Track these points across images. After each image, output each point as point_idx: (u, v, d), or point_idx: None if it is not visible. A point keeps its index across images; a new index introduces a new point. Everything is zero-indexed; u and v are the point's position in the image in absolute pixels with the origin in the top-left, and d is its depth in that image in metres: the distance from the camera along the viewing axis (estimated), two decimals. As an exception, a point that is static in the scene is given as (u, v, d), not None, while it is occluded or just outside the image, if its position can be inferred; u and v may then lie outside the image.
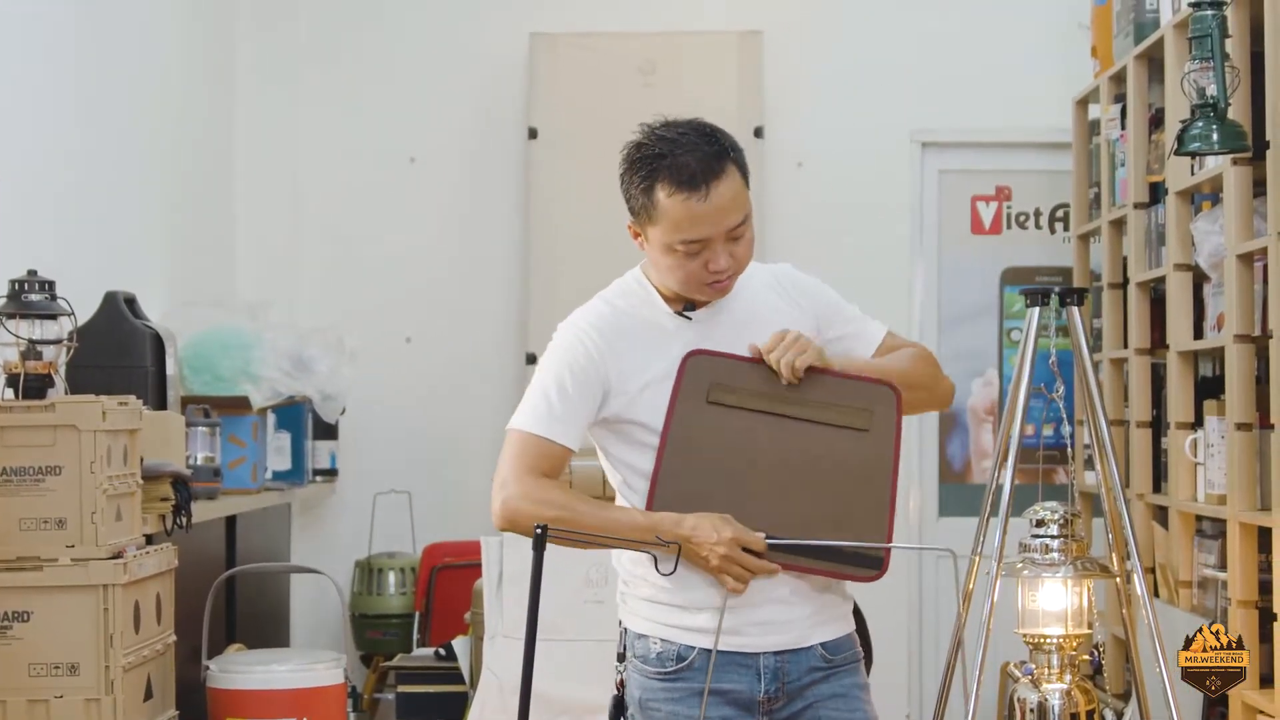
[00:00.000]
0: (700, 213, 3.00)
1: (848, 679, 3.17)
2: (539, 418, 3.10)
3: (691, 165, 2.99)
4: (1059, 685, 4.10)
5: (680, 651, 3.10)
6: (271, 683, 4.52)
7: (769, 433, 3.06)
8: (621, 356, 3.12)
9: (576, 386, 3.10)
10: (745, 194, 3.06)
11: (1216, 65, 4.18)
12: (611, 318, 3.16)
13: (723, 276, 3.06)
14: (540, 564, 3.06)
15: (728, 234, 3.03)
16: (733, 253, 3.05)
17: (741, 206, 3.04)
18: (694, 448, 3.05)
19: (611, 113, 6.66)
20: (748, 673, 3.09)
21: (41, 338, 3.96)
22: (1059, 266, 6.78)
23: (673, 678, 3.11)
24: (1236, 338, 4.59)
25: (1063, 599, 4.11)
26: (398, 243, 6.88)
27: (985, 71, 6.77)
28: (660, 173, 3.01)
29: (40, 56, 4.85)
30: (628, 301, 3.19)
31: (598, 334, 3.13)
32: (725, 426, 3.05)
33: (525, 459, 3.08)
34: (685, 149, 3.00)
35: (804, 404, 3.06)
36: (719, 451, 3.05)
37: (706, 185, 2.99)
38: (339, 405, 6.11)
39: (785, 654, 3.11)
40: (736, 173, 3.04)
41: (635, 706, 3.14)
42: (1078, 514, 4.24)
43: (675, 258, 3.05)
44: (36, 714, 3.73)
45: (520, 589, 4.60)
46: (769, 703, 3.11)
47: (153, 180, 5.79)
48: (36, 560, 3.76)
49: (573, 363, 3.11)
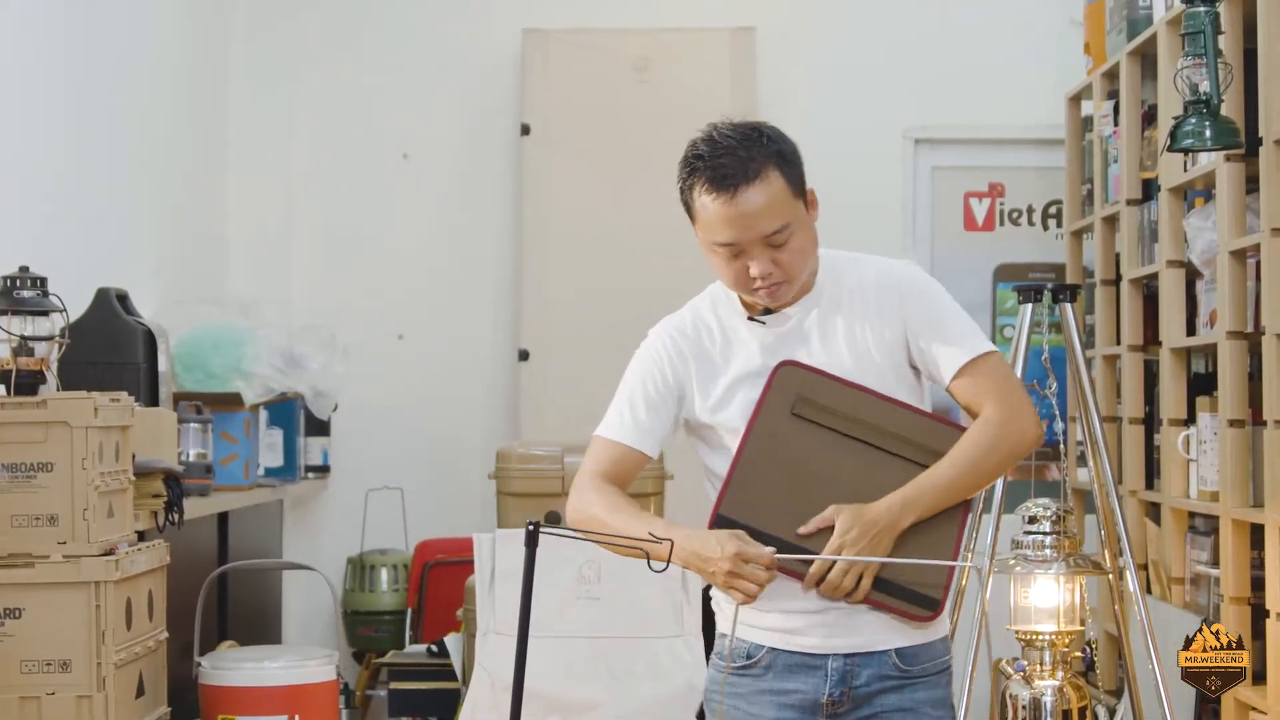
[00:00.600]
0: (728, 215, 2.99)
1: (921, 693, 3.08)
2: (616, 425, 3.18)
3: (726, 167, 2.98)
4: (1051, 682, 4.11)
5: (750, 649, 3.10)
6: (264, 679, 4.51)
7: (846, 455, 3.03)
8: (697, 363, 3.15)
9: (652, 395, 3.16)
10: (788, 200, 3.01)
11: (1209, 62, 4.18)
12: (691, 324, 3.19)
13: (765, 283, 3.03)
14: (533, 561, 3.06)
15: (765, 240, 3.00)
16: (775, 259, 3.01)
17: (778, 214, 2.99)
18: (770, 458, 3.03)
19: (605, 109, 6.69)
20: (814, 674, 3.06)
21: (33, 334, 3.95)
22: (1052, 263, 6.79)
23: (739, 673, 3.11)
24: (1229, 334, 4.59)
25: (1055, 596, 4.12)
26: (390, 239, 6.87)
27: (978, 68, 6.77)
28: (698, 172, 3.02)
29: (31, 52, 4.84)
30: (712, 307, 3.20)
31: (674, 342, 3.17)
32: (804, 442, 3.03)
33: (598, 464, 3.17)
34: (725, 151, 3.00)
35: (884, 434, 3.04)
36: (795, 466, 3.02)
37: (735, 188, 2.97)
38: (331, 402, 6.10)
39: (855, 657, 3.05)
40: (777, 177, 3.00)
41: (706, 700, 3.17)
42: (1070, 511, 4.25)
43: (716, 258, 3.06)
44: (28, 711, 3.72)
45: (513, 586, 4.60)
46: (832, 706, 3.06)
47: (145, 177, 5.78)
48: (28, 557, 3.75)
49: (648, 372, 3.17)
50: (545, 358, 6.60)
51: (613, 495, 3.12)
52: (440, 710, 5.46)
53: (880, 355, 3.09)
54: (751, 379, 3.10)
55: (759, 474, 3.03)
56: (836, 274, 3.14)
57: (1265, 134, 4.33)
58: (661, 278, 6.55)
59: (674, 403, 3.16)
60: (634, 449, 3.16)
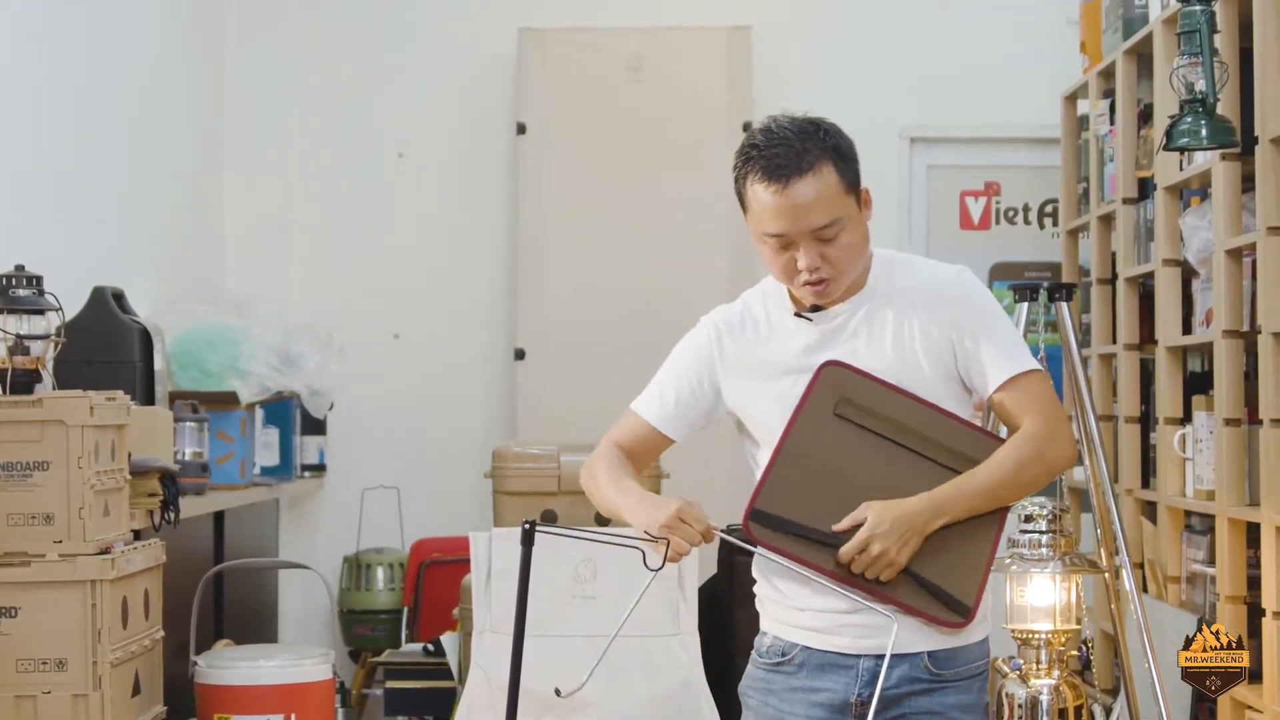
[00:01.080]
0: (779, 207, 2.99)
1: (950, 697, 3.07)
2: (648, 402, 3.23)
3: (780, 157, 2.98)
4: (1047, 680, 4.11)
5: (784, 647, 3.11)
6: (259, 678, 4.50)
7: (885, 457, 3.03)
8: (739, 355, 3.16)
9: (685, 388, 3.20)
10: (840, 197, 3.01)
11: (1205, 61, 4.18)
12: (739, 316, 3.20)
13: (812, 277, 3.03)
14: (529, 560, 3.06)
15: (814, 234, 2.99)
16: (824, 254, 3.01)
17: (829, 209, 2.99)
18: (810, 456, 3.03)
19: (600, 108, 6.68)
20: (846, 674, 3.06)
21: (29, 333, 3.95)
22: (1048, 262, 6.79)
23: (773, 669, 3.13)
24: (1225, 333, 4.59)
25: (1051, 594, 4.12)
26: (386, 238, 6.87)
27: (974, 67, 6.78)
28: (752, 162, 3.02)
29: (28, 51, 4.84)
30: (762, 300, 3.21)
31: (718, 333, 3.19)
32: (845, 441, 3.03)
33: (621, 434, 3.24)
34: (780, 142, 3.00)
35: (924, 440, 3.04)
36: (833, 464, 3.02)
37: (786, 179, 2.97)
38: (327, 401, 6.10)
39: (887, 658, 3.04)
40: (831, 171, 3.00)
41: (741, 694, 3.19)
42: (1066, 509, 4.25)
43: (766, 249, 3.06)
44: (24, 710, 3.72)
45: (509, 584, 4.59)
46: (861, 706, 3.05)
47: (142, 176, 5.78)
48: (24, 556, 3.74)
49: (688, 363, 3.21)
50: (542, 357, 6.60)
51: (614, 462, 3.18)
52: (436, 709, 5.46)
53: (926, 357, 3.08)
54: (792, 375, 3.10)
55: (797, 470, 3.03)
56: (889, 273, 3.14)
57: (1261, 133, 4.33)
58: (658, 277, 6.58)
59: (709, 395, 3.19)
60: (658, 430, 3.21)
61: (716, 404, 3.20)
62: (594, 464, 3.20)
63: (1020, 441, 3.05)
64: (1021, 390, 3.07)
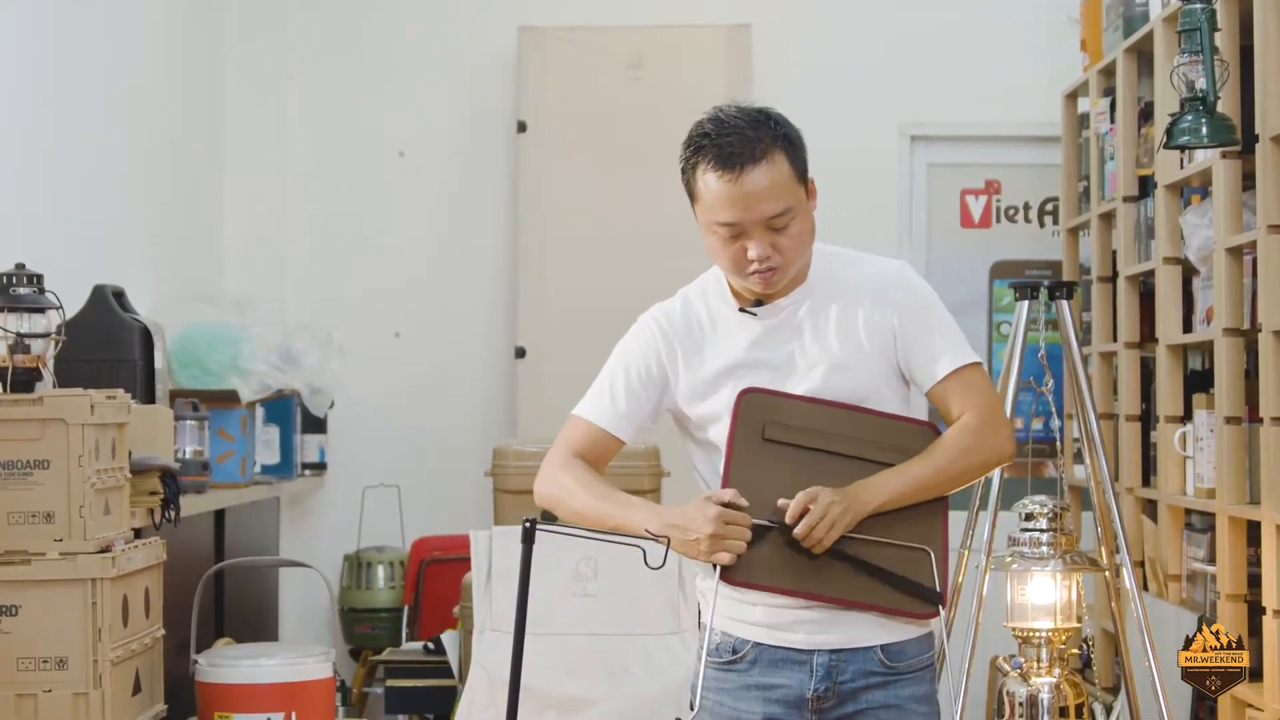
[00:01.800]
0: (731, 195, 2.99)
1: (906, 689, 3.08)
2: (594, 407, 3.20)
3: (732, 146, 2.99)
4: (1048, 679, 4.10)
5: (735, 644, 3.10)
6: (260, 677, 4.50)
7: (824, 469, 3.03)
8: (683, 352, 3.15)
9: (634, 382, 3.17)
10: (792, 186, 3.02)
11: (1206, 59, 4.17)
12: (680, 313, 3.19)
13: (762, 266, 3.03)
14: (529, 558, 3.06)
15: (766, 223, 3.00)
16: (775, 243, 3.01)
17: (781, 197, 3.00)
18: (753, 484, 3.02)
19: (600, 107, 6.68)
20: (800, 670, 3.06)
21: (29, 331, 3.94)
22: (1048, 260, 6.79)
23: (725, 668, 3.11)
24: (1226, 331, 4.59)
25: (1052, 593, 4.11)
26: (386, 237, 6.87)
27: (975, 65, 6.77)
28: (703, 151, 3.02)
29: (26, 50, 4.83)
30: (702, 296, 3.20)
31: (661, 330, 3.17)
32: (782, 463, 3.03)
33: (570, 443, 3.19)
34: (732, 131, 3.00)
35: (857, 442, 3.05)
36: (777, 488, 3.02)
37: (740, 167, 2.98)
38: (327, 399, 6.10)
39: (841, 653, 3.05)
40: (783, 160, 3.01)
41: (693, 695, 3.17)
42: (1067, 508, 4.25)
43: (715, 239, 3.05)
44: (24, 708, 3.72)
45: (509, 583, 4.59)
46: (818, 701, 3.06)
47: (141, 174, 5.78)
48: (24, 554, 3.74)
49: (632, 358, 3.18)
50: (542, 355, 6.60)
51: (582, 471, 3.14)
52: (437, 707, 5.46)
53: (871, 350, 3.10)
54: (737, 372, 3.11)
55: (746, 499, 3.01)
56: (831, 268, 3.15)
57: (1261, 131, 4.33)
58: (658, 275, 6.53)
59: (656, 391, 3.16)
60: (609, 433, 3.18)
61: (662, 402, 3.18)
62: (555, 476, 3.14)
63: (959, 432, 3.08)
64: (961, 383, 3.10)
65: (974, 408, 3.08)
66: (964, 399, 3.09)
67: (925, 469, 3.05)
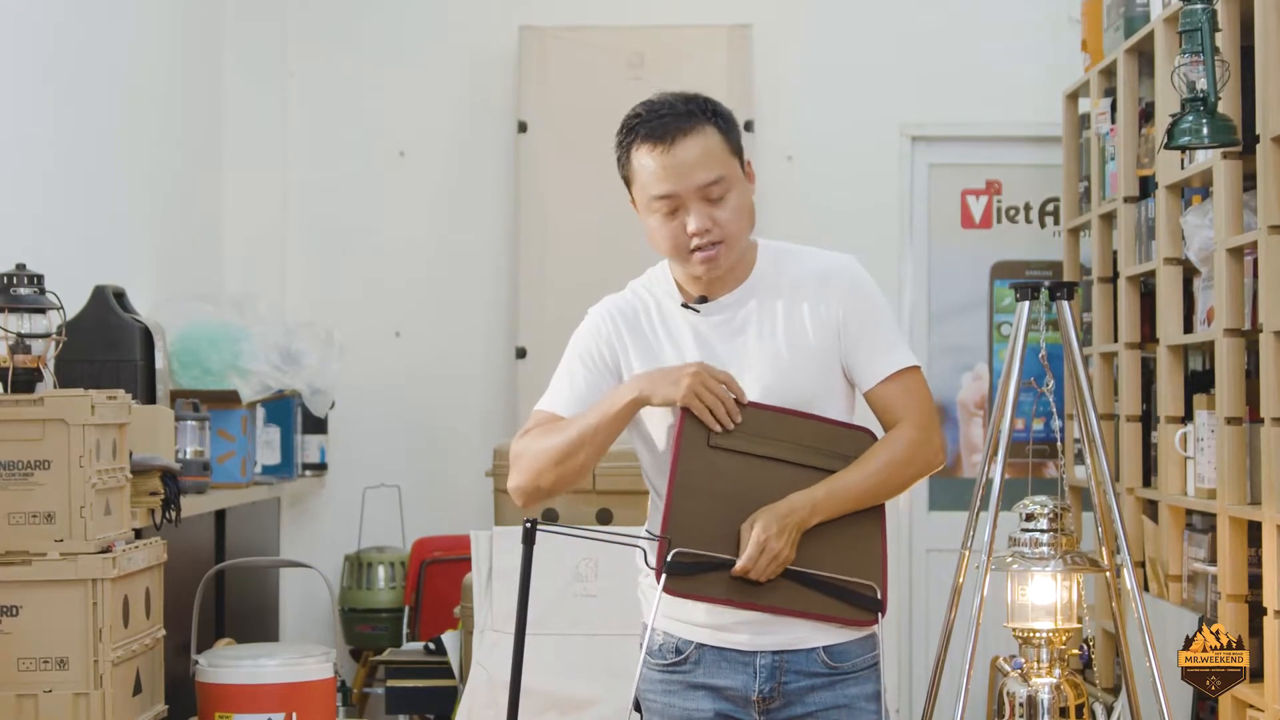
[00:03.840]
0: (666, 165, 3.03)
1: (854, 689, 3.11)
2: (557, 396, 3.20)
3: (664, 121, 3.05)
4: (1048, 679, 4.10)
5: (679, 644, 3.11)
6: (260, 677, 4.50)
7: (769, 476, 3.05)
8: (633, 344, 3.17)
9: (589, 371, 3.19)
10: (725, 156, 3.06)
11: (1206, 59, 4.17)
12: (630, 305, 3.22)
13: (703, 241, 3.04)
14: (530, 558, 3.06)
15: (701, 193, 3.03)
16: (712, 216, 3.04)
17: (713, 165, 3.03)
18: (701, 493, 3.04)
19: (601, 106, 6.64)
20: (744, 670, 3.08)
21: (30, 331, 3.94)
22: (1049, 260, 6.79)
23: (669, 670, 3.12)
24: (1226, 332, 4.59)
25: (1052, 593, 4.11)
26: (387, 236, 6.87)
27: (975, 65, 6.77)
28: (636, 130, 3.08)
29: (26, 49, 4.83)
30: (650, 289, 3.23)
31: (612, 321, 3.20)
32: (728, 471, 3.04)
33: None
34: (664, 108, 3.08)
35: (799, 448, 3.07)
36: (725, 495, 3.04)
37: (671, 138, 3.03)
38: (328, 399, 6.10)
39: (784, 654, 3.08)
40: (715, 133, 3.06)
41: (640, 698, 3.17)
42: (1067, 508, 4.24)
43: (655, 218, 3.08)
44: (25, 708, 3.72)
45: (510, 583, 4.59)
46: (764, 702, 3.08)
47: (141, 174, 5.77)
48: (25, 554, 3.74)
49: (586, 349, 3.21)
50: (543, 355, 6.59)
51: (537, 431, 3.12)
52: (437, 708, 5.45)
53: (817, 343, 3.11)
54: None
55: (694, 508, 3.03)
56: (777, 263, 3.16)
57: (1262, 131, 4.32)
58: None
59: (612, 376, 3.17)
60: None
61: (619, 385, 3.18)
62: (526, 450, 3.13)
63: (893, 443, 3.10)
64: (900, 388, 3.12)
65: (910, 417, 3.11)
66: (901, 405, 3.12)
67: (859, 480, 3.07)
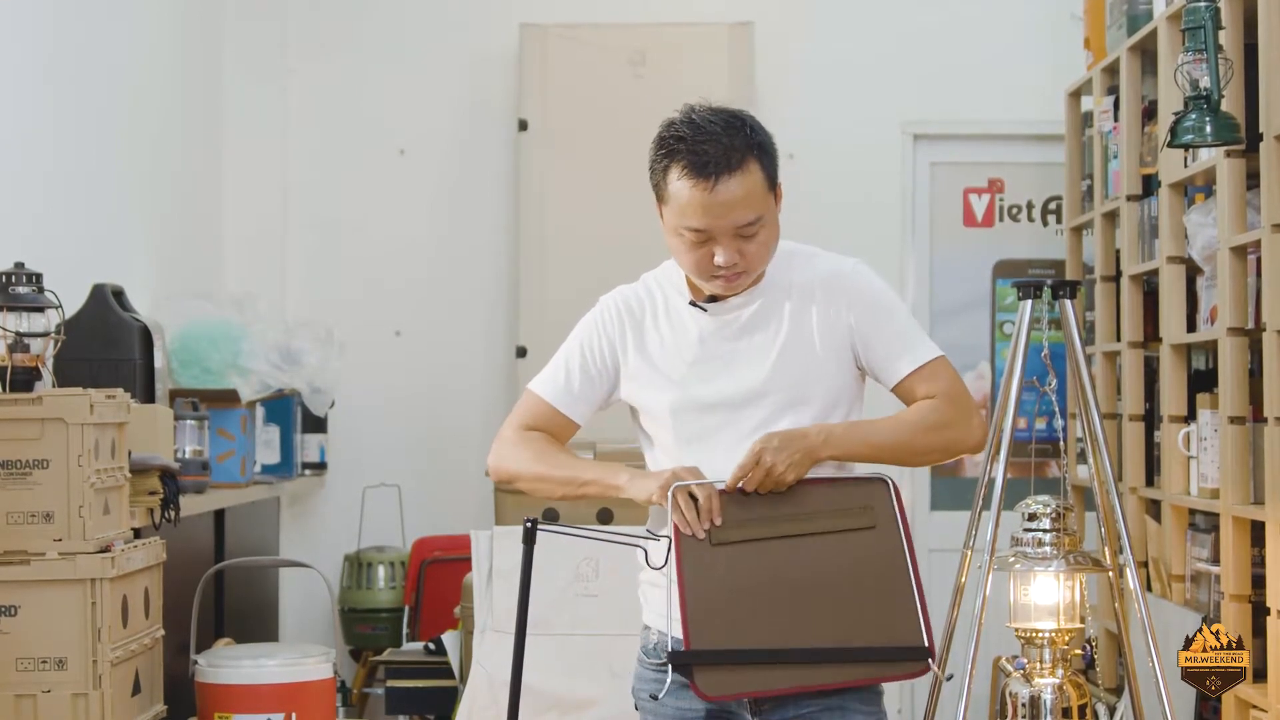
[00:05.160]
0: (705, 203, 2.97)
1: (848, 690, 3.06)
2: (552, 386, 3.19)
3: (708, 154, 2.97)
4: (1051, 680, 4.09)
5: (672, 643, 3.09)
6: (260, 677, 4.49)
7: (782, 556, 2.98)
8: (634, 340, 3.15)
9: (589, 364, 3.18)
10: (764, 195, 2.99)
11: (1210, 57, 4.16)
12: (638, 299, 3.20)
13: (728, 273, 3.02)
14: (530, 558, 3.05)
15: (736, 231, 2.99)
16: (742, 250, 3.00)
17: (754, 206, 2.98)
18: (713, 588, 2.96)
19: (602, 104, 6.67)
20: None
21: (29, 330, 3.94)
22: (1051, 259, 6.78)
23: (661, 669, 3.09)
24: (1230, 331, 4.58)
25: (1055, 593, 4.10)
26: (387, 235, 6.86)
27: (978, 63, 6.76)
28: (677, 155, 3.02)
29: (25, 47, 4.82)
30: (661, 284, 3.21)
31: (617, 314, 3.19)
32: (737, 563, 2.97)
33: (524, 418, 3.19)
34: (708, 137, 2.98)
35: (805, 518, 3.00)
36: (739, 587, 2.97)
37: (716, 177, 2.96)
38: (328, 398, 6.09)
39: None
40: (758, 171, 2.99)
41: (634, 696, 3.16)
42: (1070, 508, 4.23)
43: (680, 242, 3.05)
44: (24, 709, 3.71)
45: (510, 583, 4.58)
46: (756, 704, 3.05)
47: (141, 173, 5.76)
48: (24, 554, 3.73)
49: (589, 340, 3.19)
50: (543, 354, 6.49)
51: (537, 443, 3.12)
52: (437, 708, 5.44)
53: (823, 347, 3.08)
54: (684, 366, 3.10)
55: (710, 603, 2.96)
56: (788, 266, 3.13)
57: (1266, 129, 4.31)
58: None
59: (610, 375, 3.17)
60: (562, 413, 3.18)
61: (616, 384, 3.18)
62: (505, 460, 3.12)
63: (929, 406, 3.05)
64: (929, 376, 3.08)
65: (944, 393, 3.06)
66: (931, 385, 3.07)
67: (885, 428, 3.03)
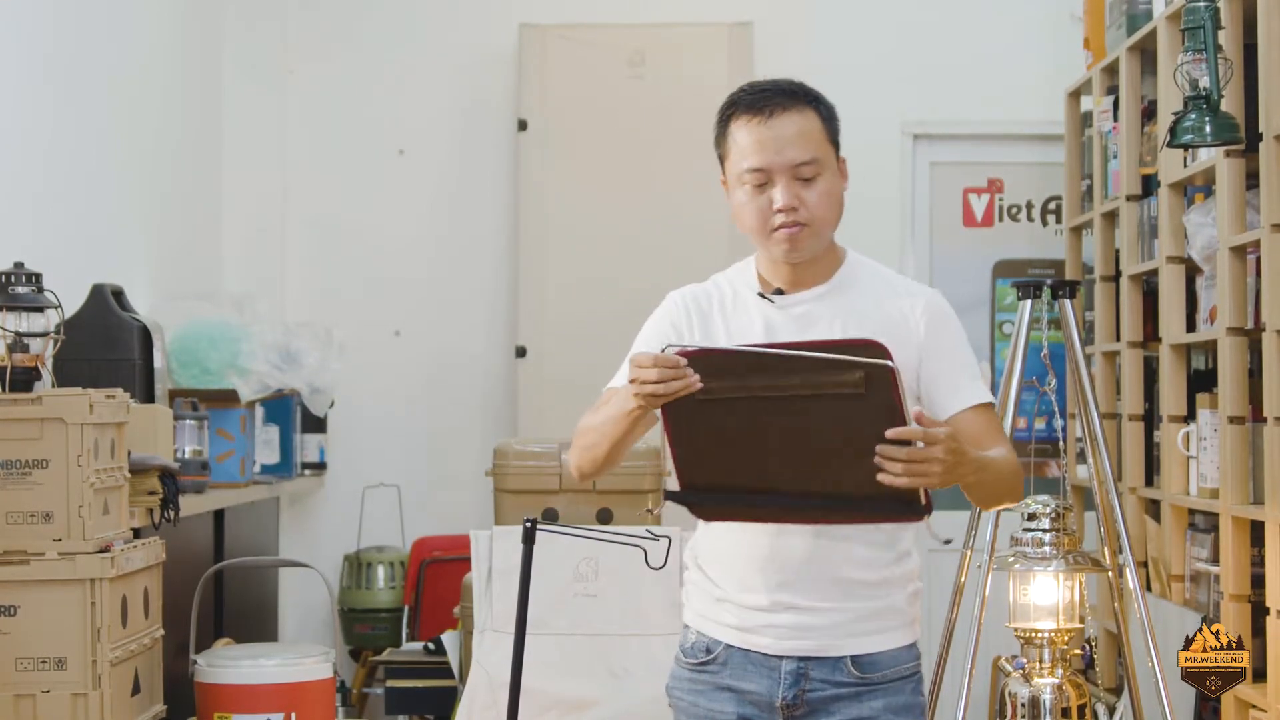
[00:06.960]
0: (762, 138, 3.02)
1: (878, 701, 3.01)
2: (620, 377, 3.15)
3: (766, 94, 3.06)
4: (1050, 679, 4.10)
5: (709, 644, 3.09)
6: (259, 677, 4.49)
7: (770, 414, 2.91)
8: (704, 327, 3.14)
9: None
10: (822, 140, 3.06)
11: (1209, 57, 4.16)
12: (705, 293, 3.19)
13: (788, 219, 3.00)
14: (530, 558, 3.05)
15: (792, 171, 3.01)
16: (800, 195, 3.01)
17: (809, 146, 3.03)
18: (701, 443, 2.94)
19: (601, 104, 6.67)
20: (768, 675, 3.02)
21: (28, 330, 3.94)
22: (1051, 259, 6.78)
23: (698, 669, 3.09)
24: (1229, 330, 4.58)
25: (1054, 593, 4.11)
26: (386, 235, 6.86)
27: (977, 63, 6.76)
28: (737, 104, 3.08)
29: (24, 47, 4.82)
30: (730, 280, 3.20)
31: (684, 304, 3.18)
32: (725, 418, 2.92)
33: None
34: (767, 86, 3.09)
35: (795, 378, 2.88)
36: (728, 442, 2.93)
37: (770, 111, 3.03)
38: (327, 398, 6.09)
39: (810, 660, 3.01)
40: (815, 117, 3.07)
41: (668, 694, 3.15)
42: (1070, 508, 4.24)
43: (744, 191, 3.05)
44: (23, 709, 3.71)
45: (510, 583, 4.58)
46: (789, 709, 3.01)
47: (140, 173, 5.76)
48: (23, 554, 3.73)
49: (654, 330, 3.18)
50: (543, 354, 6.59)
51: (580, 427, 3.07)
52: (437, 708, 5.44)
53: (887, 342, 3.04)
54: None
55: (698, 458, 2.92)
56: (860, 272, 3.12)
57: (1265, 129, 4.31)
58: (660, 274, 6.54)
59: None
60: None
61: None
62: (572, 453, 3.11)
63: (1016, 472, 3.03)
64: (984, 420, 3.04)
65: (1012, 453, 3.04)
66: (990, 436, 3.02)
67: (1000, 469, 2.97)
